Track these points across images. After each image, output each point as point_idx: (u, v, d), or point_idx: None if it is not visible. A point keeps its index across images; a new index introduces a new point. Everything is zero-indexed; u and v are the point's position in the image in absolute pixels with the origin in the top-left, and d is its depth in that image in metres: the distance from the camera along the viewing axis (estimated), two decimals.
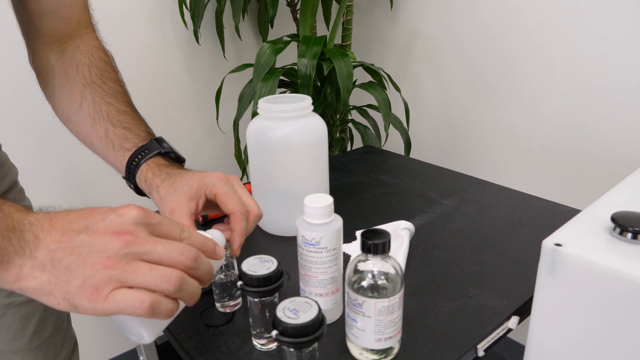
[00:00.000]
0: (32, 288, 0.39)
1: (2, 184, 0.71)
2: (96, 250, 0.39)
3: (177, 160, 0.67)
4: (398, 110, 1.56)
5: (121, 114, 0.67)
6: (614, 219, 0.46)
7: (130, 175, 0.65)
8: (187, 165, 0.68)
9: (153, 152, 0.64)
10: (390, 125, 1.35)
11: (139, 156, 0.64)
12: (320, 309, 0.46)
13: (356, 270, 0.52)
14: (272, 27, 1.47)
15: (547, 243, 0.46)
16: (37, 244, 0.39)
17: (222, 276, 0.64)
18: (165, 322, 0.45)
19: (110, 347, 1.64)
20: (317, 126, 0.79)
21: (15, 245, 0.39)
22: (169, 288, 0.40)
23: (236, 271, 0.64)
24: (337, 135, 1.51)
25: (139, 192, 0.66)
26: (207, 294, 0.68)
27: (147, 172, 0.63)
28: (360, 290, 0.51)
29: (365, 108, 1.49)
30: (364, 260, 0.52)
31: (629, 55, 1.14)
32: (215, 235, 0.54)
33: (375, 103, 1.39)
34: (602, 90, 1.21)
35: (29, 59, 0.70)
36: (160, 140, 0.66)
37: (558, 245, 0.45)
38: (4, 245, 0.39)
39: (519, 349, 1.53)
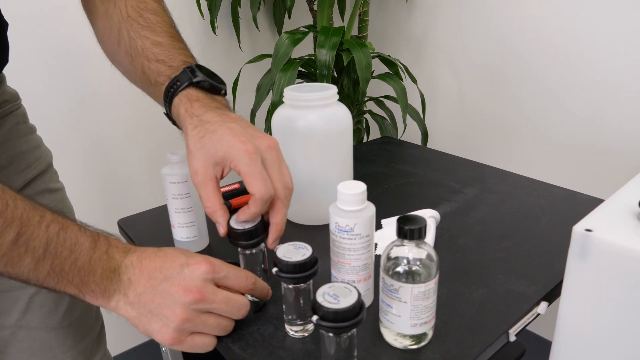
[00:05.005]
0: (123, 316, 0.52)
1: (38, 165, 0.73)
2: (172, 302, 0.50)
3: (212, 89, 0.62)
4: (414, 102, 1.56)
5: (156, 46, 0.63)
6: None
7: (168, 111, 0.62)
8: None
9: (184, 83, 0.60)
10: (407, 116, 1.36)
11: (172, 89, 0.60)
12: (360, 294, 0.47)
13: (391, 256, 0.53)
14: (289, 17, 1.47)
15: (578, 229, 0.46)
16: (129, 285, 0.51)
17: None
18: None
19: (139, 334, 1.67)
20: (343, 115, 0.79)
21: (114, 285, 0.51)
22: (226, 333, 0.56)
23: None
24: (354, 126, 1.52)
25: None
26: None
27: (179, 107, 0.60)
28: (395, 276, 0.52)
29: (382, 99, 1.49)
30: (399, 246, 0.52)
31: None
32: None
33: (390, 94, 1.39)
34: (620, 81, 1.20)
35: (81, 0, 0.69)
36: (193, 69, 0.61)
37: (588, 230, 0.46)
38: (108, 285, 0.51)
39: (537, 340, 1.54)
